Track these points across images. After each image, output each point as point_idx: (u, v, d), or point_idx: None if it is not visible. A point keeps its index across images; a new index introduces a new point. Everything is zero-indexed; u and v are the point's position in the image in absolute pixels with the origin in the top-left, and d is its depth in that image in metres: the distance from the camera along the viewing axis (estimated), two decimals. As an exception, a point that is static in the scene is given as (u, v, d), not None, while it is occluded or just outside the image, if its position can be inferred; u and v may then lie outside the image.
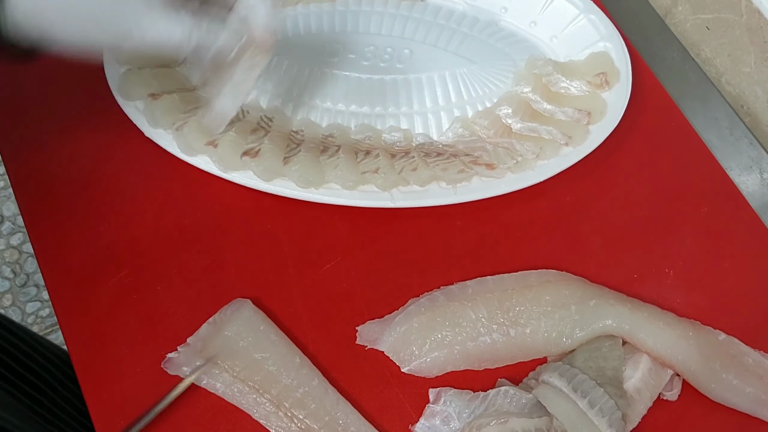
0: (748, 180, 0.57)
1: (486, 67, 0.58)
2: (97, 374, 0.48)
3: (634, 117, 0.57)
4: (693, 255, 0.52)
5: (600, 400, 0.43)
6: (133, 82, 0.56)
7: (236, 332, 0.48)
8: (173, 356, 0.48)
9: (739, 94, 0.61)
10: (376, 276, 0.52)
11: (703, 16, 0.63)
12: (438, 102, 0.57)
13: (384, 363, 0.48)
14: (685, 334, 0.47)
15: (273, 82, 0.58)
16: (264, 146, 0.52)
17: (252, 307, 0.49)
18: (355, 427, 0.46)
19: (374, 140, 0.56)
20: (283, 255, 0.53)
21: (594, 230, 0.54)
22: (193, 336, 0.49)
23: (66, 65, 0.62)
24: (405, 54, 0.59)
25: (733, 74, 0.61)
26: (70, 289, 0.52)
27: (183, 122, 0.53)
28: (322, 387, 0.47)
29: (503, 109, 0.56)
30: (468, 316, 0.48)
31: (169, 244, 0.53)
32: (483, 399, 0.46)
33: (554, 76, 0.57)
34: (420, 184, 0.52)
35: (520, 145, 0.54)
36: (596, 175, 0.56)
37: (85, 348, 0.49)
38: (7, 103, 0.60)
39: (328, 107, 0.57)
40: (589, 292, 0.49)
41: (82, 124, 0.59)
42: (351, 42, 0.60)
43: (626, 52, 0.58)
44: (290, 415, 0.45)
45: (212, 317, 0.49)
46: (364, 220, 0.54)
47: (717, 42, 0.62)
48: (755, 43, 0.58)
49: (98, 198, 0.55)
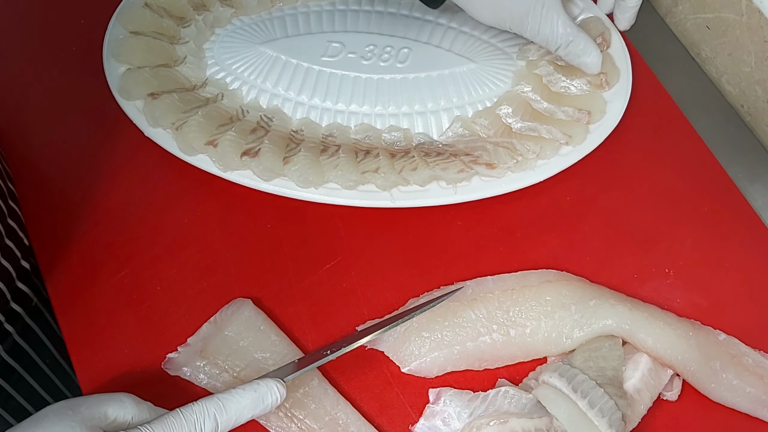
0: (748, 180, 0.57)
1: (486, 67, 0.58)
2: (96, 374, 0.48)
3: (634, 117, 0.57)
4: (693, 255, 0.52)
5: (600, 401, 0.43)
6: (133, 81, 0.56)
7: (236, 332, 0.48)
8: (173, 356, 0.48)
9: (739, 93, 0.61)
10: (376, 276, 0.52)
11: (703, 15, 0.63)
12: (438, 102, 0.57)
13: (384, 363, 0.48)
14: (685, 334, 0.47)
15: (273, 81, 0.58)
16: (264, 146, 0.52)
17: (252, 307, 0.49)
18: (355, 427, 0.46)
19: (374, 140, 0.56)
20: (283, 255, 0.53)
21: (594, 230, 0.54)
22: (193, 336, 0.49)
23: (66, 65, 0.62)
24: (405, 54, 0.59)
25: (733, 74, 0.61)
26: (70, 289, 0.52)
27: (183, 122, 0.53)
28: (321, 387, 0.47)
29: (503, 109, 0.56)
30: (468, 316, 0.48)
31: (169, 244, 0.53)
32: (483, 399, 0.46)
33: (554, 76, 0.57)
34: (420, 183, 0.52)
35: (521, 145, 0.54)
36: (596, 175, 0.56)
37: (85, 348, 0.49)
38: (8, 103, 0.60)
39: (328, 107, 0.57)
40: (589, 292, 0.49)
41: (82, 124, 0.59)
42: (351, 42, 0.60)
43: (626, 52, 0.58)
44: (290, 415, 0.45)
45: (213, 317, 0.49)
46: (364, 220, 0.54)
47: (717, 41, 0.62)
48: (755, 42, 0.58)
49: (98, 198, 0.55)
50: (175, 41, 0.59)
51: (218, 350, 0.47)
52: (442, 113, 0.57)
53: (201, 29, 0.60)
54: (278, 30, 0.60)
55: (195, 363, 0.47)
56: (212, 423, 0.39)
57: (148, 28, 0.59)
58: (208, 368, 0.47)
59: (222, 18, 0.61)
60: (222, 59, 0.59)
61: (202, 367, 0.47)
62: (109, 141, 0.57)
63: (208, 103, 0.56)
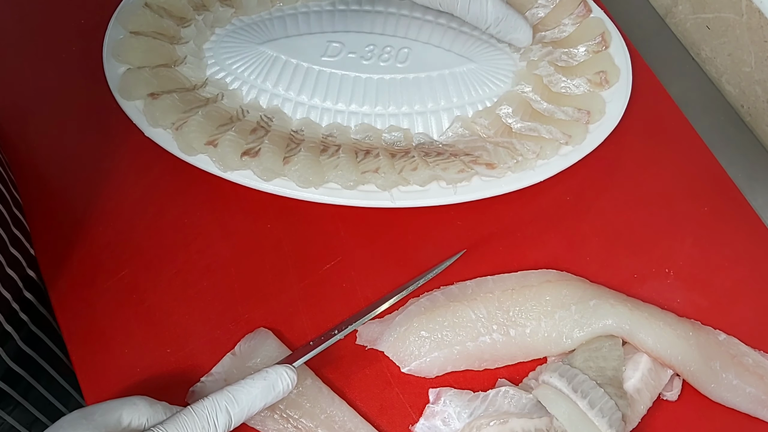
0: (748, 180, 0.57)
1: (486, 67, 0.58)
2: (96, 374, 0.48)
3: (634, 117, 0.57)
4: (693, 255, 0.52)
5: (600, 401, 0.43)
6: (133, 81, 0.56)
7: (260, 364, 0.47)
8: (196, 389, 0.47)
9: (739, 93, 0.61)
10: (376, 276, 0.52)
11: (703, 15, 0.63)
12: (438, 102, 0.57)
13: (384, 363, 0.48)
14: (685, 334, 0.47)
15: (273, 81, 0.58)
16: (264, 146, 0.52)
17: (274, 339, 0.49)
18: (352, 424, 0.46)
19: (374, 140, 0.56)
20: (283, 255, 0.53)
21: (594, 230, 0.54)
22: (216, 366, 0.48)
23: (66, 65, 0.62)
24: (405, 54, 0.59)
25: (733, 74, 0.61)
26: (70, 289, 0.52)
27: (183, 122, 0.53)
28: (315, 386, 0.47)
29: (503, 109, 0.56)
30: (468, 316, 0.48)
31: (169, 244, 0.53)
32: (483, 399, 0.46)
33: (555, 77, 0.57)
34: (420, 183, 0.52)
35: (521, 145, 0.54)
36: (596, 175, 0.56)
37: (85, 348, 0.49)
38: (8, 103, 0.60)
39: (328, 107, 0.57)
40: (589, 292, 0.49)
41: (82, 124, 0.59)
42: (351, 42, 0.60)
43: (626, 52, 0.58)
44: (285, 416, 0.45)
45: (235, 347, 0.49)
46: (364, 220, 0.54)
47: (717, 41, 0.62)
48: (755, 42, 0.58)
49: (98, 198, 0.55)
50: (175, 41, 0.59)
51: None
52: (442, 113, 0.57)
53: (201, 29, 0.60)
54: (278, 30, 0.60)
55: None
56: (225, 416, 0.39)
57: (148, 28, 0.59)
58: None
59: (222, 18, 0.61)
60: (222, 59, 0.59)
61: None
62: (109, 141, 0.57)
63: (208, 103, 0.56)
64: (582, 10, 0.58)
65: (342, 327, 0.46)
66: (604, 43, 0.58)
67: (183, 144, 0.53)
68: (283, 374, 0.42)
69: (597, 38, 0.57)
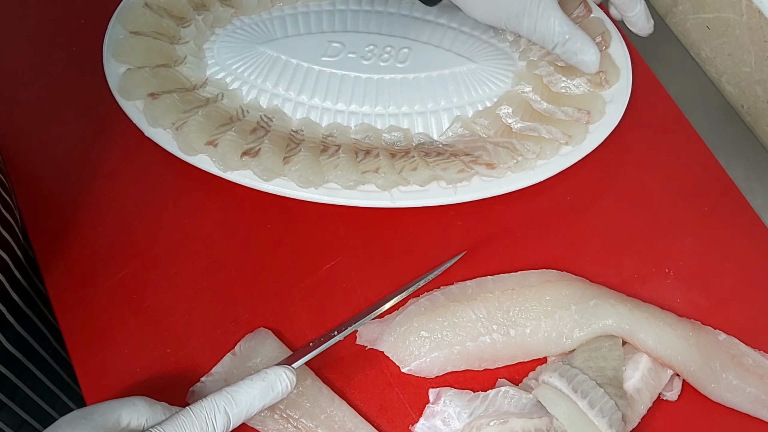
0: (748, 180, 0.57)
1: (486, 67, 0.58)
2: (96, 374, 0.48)
3: (634, 117, 0.57)
4: (693, 255, 0.52)
5: (600, 401, 0.43)
6: (133, 81, 0.56)
7: (259, 364, 0.47)
8: (196, 389, 0.47)
9: (739, 93, 0.61)
10: (376, 276, 0.52)
11: (703, 15, 0.63)
12: (438, 102, 0.57)
13: (384, 363, 0.48)
14: (685, 334, 0.47)
15: (273, 81, 0.58)
16: (264, 146, 0.52)
17: (274, 339, 0.49)
18: (352, 423, 0.46)
19: (374, 140, 0.56)
20: (283, 255, 0.53)
21: (594, 230, 0.54)
22: (216, 366, 0.48)
23: (66, 65, 0.62)
24: (405, 54, 0.59)
25: (733, 74, 0.61)
26: (70, 289, 0.52)
27: (183, 122, 0.53)
28: (315, 386, 0.47)
29: (503, 109, 0.56)
30: (468, 316, 0.48)
31: (169, 244, 0.53)
32: (483, 399, 0.46)
33: (555, 77, 0.57)
34: (420, 183, 0.52)
35: (521, 145, 0.54)
36: (596, 175, 0.56)
37: (85, 348, 0.49)
38: (7, 102, 0.60)
39: (328, 107, 0.57)
40: (589, 292, 0.49)
41: (82, 123, 0.59)
42: (351, 42, 0.60)
43: (626, 52, 0.58)
44: (285, 416, 0.45)
45: (234, 348, 0.48)
46: (364, 220, 0.54)
47: (717, 41, 0.62)
48: (755, 42, 0.58)
49: (98, 198, 0.55)
50: (175, 41, 0.59)
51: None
52: (442, 113, 0.57)
53: (201, 29, 0.60)
54: (278, 30, 0.60)
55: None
56: (223, 417, 0.39)
57: (148, 28, 0.59)
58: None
59: (222, 18, 0.61)
60: (222, 59, 0.59)
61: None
62: (109, 141, 0.57)
63: (208, 103, 0.56)
64: (582, 11, 0.58)
65: (342, 328, 0.46)
66: (604, 43, 0.58)
67: (183, 144, 0.53)
68: (282, 375, 0.42)
69: (597, 38, 0.57)
